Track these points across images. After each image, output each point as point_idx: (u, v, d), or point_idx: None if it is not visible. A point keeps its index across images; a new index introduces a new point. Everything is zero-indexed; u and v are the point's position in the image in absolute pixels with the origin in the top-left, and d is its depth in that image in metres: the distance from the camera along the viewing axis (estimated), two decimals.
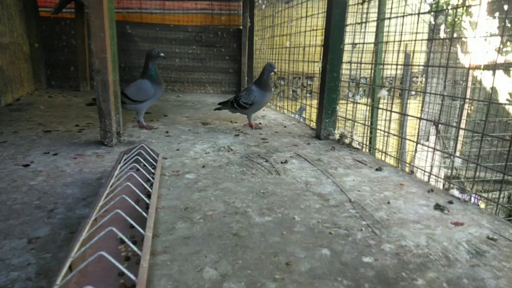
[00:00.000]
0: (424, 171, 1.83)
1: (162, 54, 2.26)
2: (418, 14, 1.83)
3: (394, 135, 4.44)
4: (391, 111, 2.04)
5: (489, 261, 0.90)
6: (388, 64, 4.44)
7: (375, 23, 3.70)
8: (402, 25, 1.78)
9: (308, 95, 4.85)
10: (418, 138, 4.68)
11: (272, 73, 2.35)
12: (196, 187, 1.31)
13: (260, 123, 2.57)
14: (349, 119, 2.15)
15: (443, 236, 1.01)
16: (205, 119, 2.67)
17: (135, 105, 2.23)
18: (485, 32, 4.60)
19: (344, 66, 2.13)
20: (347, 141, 2.07)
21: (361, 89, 4.60)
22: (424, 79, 5.20)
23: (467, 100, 4.18)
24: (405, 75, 5.14)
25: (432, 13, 3.88)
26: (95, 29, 1.64)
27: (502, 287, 0.80)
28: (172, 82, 4.35)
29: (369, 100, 4.40)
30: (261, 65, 4.02)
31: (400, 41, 1.96)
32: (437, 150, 4.75)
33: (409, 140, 3.19)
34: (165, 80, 4.26)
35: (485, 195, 3.54)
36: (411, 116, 3.43)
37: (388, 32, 3.11)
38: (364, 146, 2.42)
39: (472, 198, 1.34)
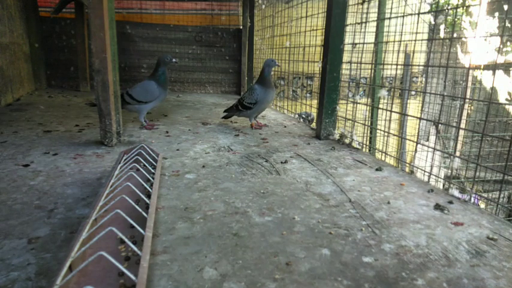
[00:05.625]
0: (424, 171, 1.84)
1: (174, 60, 2.28)
2: (418, 14, 1.84)
3: (394, 135, 4.44)
4: (391, 111, 2.04)
5: (489, 261, 0.90)
6: (388, 64, 4.44)
7: (375, 23, 3.70)
8: (402, 25, 1.78)
9: (308, 95, 4.85)
10: (418, 138, 4.68)
11: (275, 68, 2.34)
12: (196, 187, 1.31)
13: (261, 123, 2.56)
14: (349, 119, 2.15)
15: (443, 236, 1.01)
16: (205, 119, 2.67)
17: (139, 106, 2.23)
18: (485, 32, 4.60)
19: (344, 66, 2.13)
20: (347, 141, 2.07)
21: (361, 89, 4.60)
22: (424, 79, 5.20)
23: (467, 100, 4.18)
24: (405, 75, 5.15)
25: (432, 13, 3.88)
26: (95, 29, 1.64)
27: (502, 287, 0.80)
28: (172, 82, 4.35)
29: (369, 100, 4.40)
30: (261, 65, 4.02)
31: (400, 41, 1.96)
32: (437, 150, 4.75)
33: (409, 140, 3.19)
34: None
35: (485, 195, 3.55)
36: (411, 116, 3.43)
37: (388, 32, 3.11)
38: (364, 146, 2.43)
39: (472, 198, 1.34)
